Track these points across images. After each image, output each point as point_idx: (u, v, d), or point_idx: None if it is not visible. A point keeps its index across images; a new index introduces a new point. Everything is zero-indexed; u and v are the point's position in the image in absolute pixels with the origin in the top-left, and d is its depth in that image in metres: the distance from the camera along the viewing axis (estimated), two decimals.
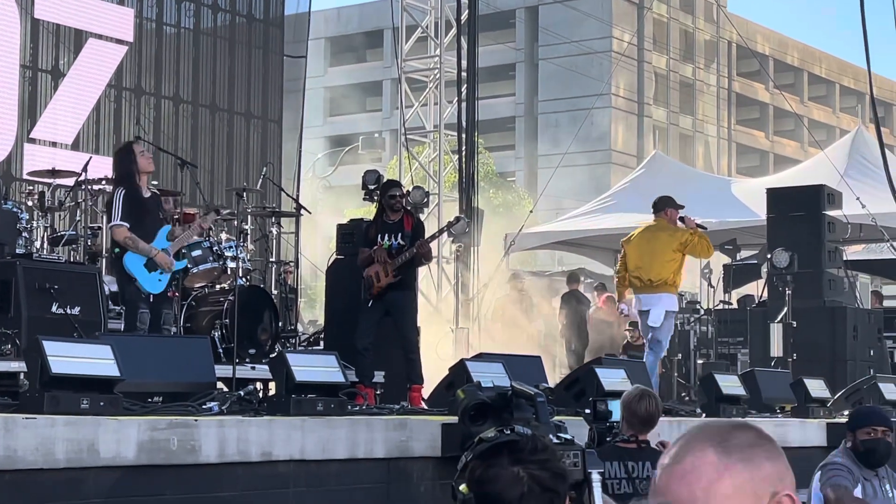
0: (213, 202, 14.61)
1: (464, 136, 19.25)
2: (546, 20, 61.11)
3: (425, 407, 10.85)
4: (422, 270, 15.18)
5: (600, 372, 10.69)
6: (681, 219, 13.20)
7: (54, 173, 13.12)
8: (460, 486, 3.37)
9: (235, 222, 13.20)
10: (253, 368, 11.09)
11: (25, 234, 11.44)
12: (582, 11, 58.35)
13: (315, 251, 20.05)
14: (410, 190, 15.21)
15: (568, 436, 4.41)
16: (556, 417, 5.37)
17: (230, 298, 11.72)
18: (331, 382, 8.88)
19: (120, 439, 7.01)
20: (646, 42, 60.25)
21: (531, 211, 24.93)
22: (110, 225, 10.83)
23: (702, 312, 18.99)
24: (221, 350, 11.63)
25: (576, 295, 21.03)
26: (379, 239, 11.77)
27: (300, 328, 16.42)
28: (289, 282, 15.26)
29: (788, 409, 13.41)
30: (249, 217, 13.73)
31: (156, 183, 11.55)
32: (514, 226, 23.31)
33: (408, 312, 11.87)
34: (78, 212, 12.79)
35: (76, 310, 10.04)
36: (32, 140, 15.45)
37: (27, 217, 11.67)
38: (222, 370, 10.10)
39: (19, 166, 15.15)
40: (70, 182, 12.92)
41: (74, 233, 12.45)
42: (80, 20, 15.99)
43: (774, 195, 18.03)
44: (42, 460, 6.64)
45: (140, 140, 12.69)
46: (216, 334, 11.77)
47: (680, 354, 17.02)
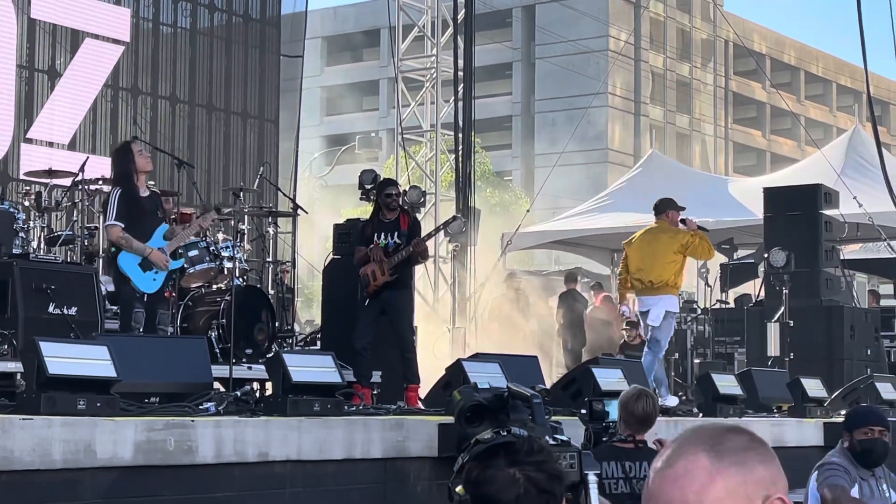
0: (210, 202, 14.57)
1: (460, 136, 19.27)
2: (542, 19, 61.09)
3: (422, 407, 10.85)
4: (418, 269, 15.20)
5: (597, 372, 10.70)
6: (682, 221, 13.21)
7: (51, 173, 13.10)
8: (457, 488, 3.37)
9: (232, 222, 13.20)
10: (250, 368, 11.09)
11: (22, 235, 11.43)
12: (578, 10, 58.33)
13: (312, 251, 20.06)
14: (407, 189, 15.22)
15: (564, 437, 4.42)
16: (553, 418, 5.37)
17: (227, 298, 11.71)
18: (327, 383, 8.88)
19: (117, 440, 7.01)
20: (642, 41, 60.25)
21: (528, 210, 24.97)
22: (105, 224, 10.84)
23: (699, 312, 19.01)
24: (218, 350, 11.63)
25: (573, 294, 21.03)
26: (375, 237, 11.76)
27: (297, 328, 16.41)
28: (285, 281, 15.28)
29: (785, 409, 13.41)
30: (246, 217, 13.73)
31: (152, 183, 11.53)
32: (511, 225, 23.32)
33: (404, 311, 11.86)
34: (75, 212, 12.76)
35: (73, 310, 10.04)
36: (29, 140, 15.43)
37: (24, 217, 11.65)
38: (219, 370, 10.09)
39: (16, 166, 15.13)
40: (67, 182, 12.90)
41: (71, 233, 12.43)
42: (77, 20, 15.97)
43: (771, 194, 18.04)
44: (39, 461, 6.64)
45: (138, 140, 12.67)
46: (213, 334, 11.76)
47: (677, 354, 17.02)
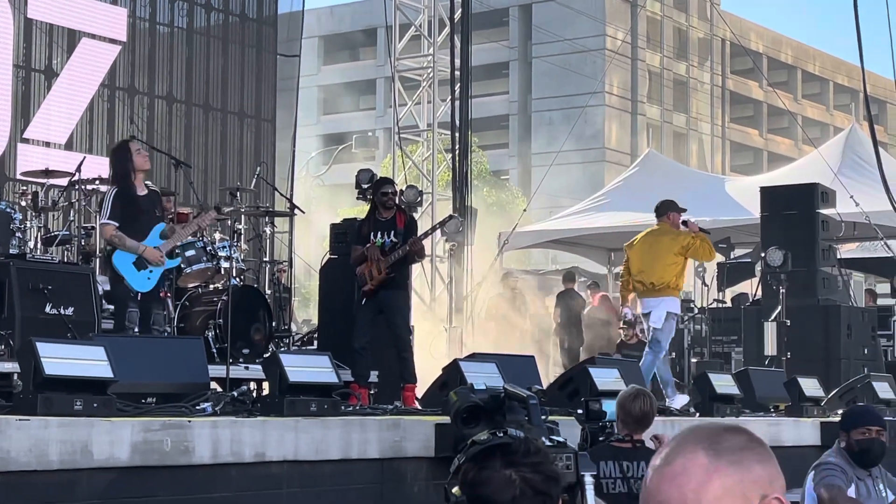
0: (207, 202, 14.57)
1: (457, 135, 19.27)
2: (539, 18, 61.09)
3: (419, 407, 10.85)
4: (415, 269, 15.21)
5: (594, 371, 10.69)
6: (683, 223, 13.25)
7: (48, 173, 13.09)
8: (453, 489, 3.37)
9: (229, 222, 13.20)
10: (247, 368, 11.09)
11: (19, 235, 11.41)
12: (575, 9, 58.35)
13: (309, 250, 20.03)
14: (404, 189, 15.20)
15: (561, 438, 4.42)
16: (550, 418, 5.38)
17: (224, 298, 11.70)
18: (324, 383, 8.88)
19: (113, 440, 7.01)
20: (639, 40, 60.27)
21: (525, 209, 25.01)
22: (99, 223, 10.84)
23: (696, 311, 19.00)
24: (215, 350, 11.61)
25: (571, 294, 21.04)
26: (371, 236, 11.74)
27: (294, 328, 16.41)
28: (282, 281, 15.26)
29: (782, 408, 13.42)
30: (243, 216, 13.72)
31: (148, 184, 11.51)
32: (508, 224, 23.32)
33: (400, 311, 11.85)
34: (71, 212, 12.76)
35: (70, 310, 10.02)
36: (26, 140, 15.42)
37: (20, 217, 11.63)
38: (216, 370, 10.08)
39: (13, 166, 15.12)
40: (64, 182, 12.89)
41: (68, 233, 12.43)
42: (73, 20, 15.96)
43: (768, 193, 18.04)
44: (35, 462, 6.63)
45: (136, 139, 12.66)
46: (210, 334, 11.75)
47: (674, 353, 17.02)
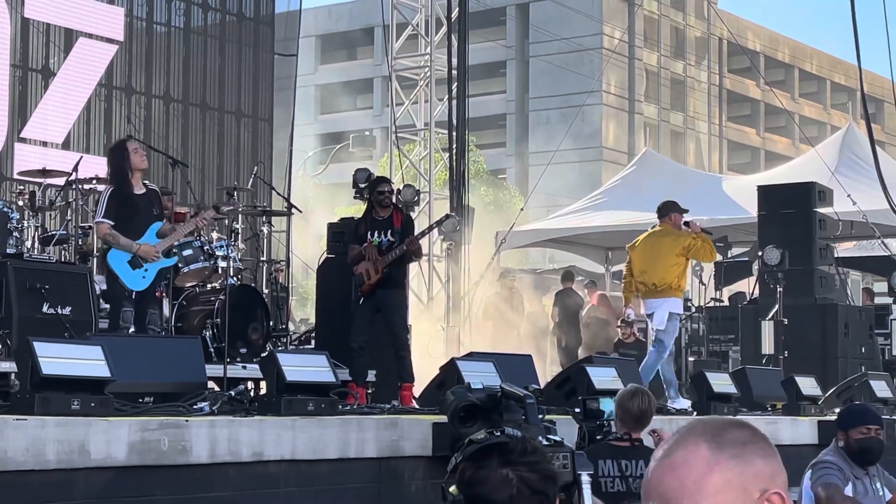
0: (205, 201, 14.56)
1: (454, 134, 19.26)
2: (537, 17, 61.10)
3: (416, 406, 10.85)
4: (412, 268, 15.19)
5: (591, 370, 10.69)
6: (685, 223, 13.28)
7: (45, 173, 13.09)
8: (450, 488, 3.37)
9: (226, 221, 13.20)
10: (244, 368, 11.08)
11: (16, 234, 11.41)
12: (572, 8, 58.35)
13: (306, 249, 20.00)
14: (401, 188, 15.20)
15: (558, 437, 4.42)
16: (547, 417, 5.38)
17: (221, 298, 11.69)
18: (322, 382, 8.89)
19: (110, 440, 7.01)
20: (637, 39, 60.24)
21: (522, 208, 25.00)
22: (93, 222, 10.84)
23: (693, 310, 19.00)
24: (213, 349, 11.61)
25: (569, 292, 21.04)
26: (368, 235, 11.74)
27: (291, 327, 16.40)
28: (280, 280, 15.25)
29: (780, 407, 13.42)
30: (240, 216, 13.72)
31: (147, 183, 11.51)
32: (506, 223, 23.31)
33: (398, 310, 11.85)
34: (69, 211, 12.76)
35: (67, 310, 10.02)
36: (23, 140, 15.42)
37: (18, 217, 11.62)
38: (213, 370, 10.09)
39: (9, 166, 15.12)
40: (61, 182, 12.90)
41: (65, 232, 12.42)
42: (71, 19, 15.95)
43: (765, 192, 18.04)
44: (33, 461, 6.63)
45: (133, 138, 12.65)
46: (207, 334, 11.74)
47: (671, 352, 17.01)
